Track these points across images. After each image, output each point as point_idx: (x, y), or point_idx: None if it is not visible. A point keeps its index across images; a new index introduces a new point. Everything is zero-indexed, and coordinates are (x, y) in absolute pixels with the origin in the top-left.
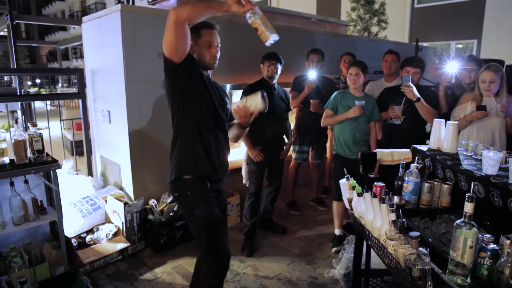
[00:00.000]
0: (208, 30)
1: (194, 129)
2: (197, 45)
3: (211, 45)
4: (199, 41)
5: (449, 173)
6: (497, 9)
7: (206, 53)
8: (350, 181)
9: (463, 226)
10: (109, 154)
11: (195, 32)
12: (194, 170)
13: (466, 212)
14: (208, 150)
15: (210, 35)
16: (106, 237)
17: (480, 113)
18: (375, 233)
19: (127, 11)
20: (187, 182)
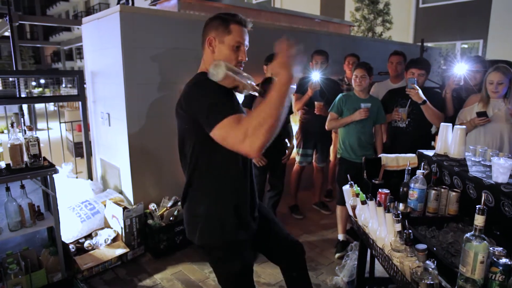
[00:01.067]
0: (239, 26)
1: (225, 176)
2: (222, 43)
3: (240, 47)
4: (225, 39)
5: (457, 180)
6: (503, 9)
7: (232, 56)
8: (354, 188)
9: (474, 239)
10: (109, 157)
11: (223, 25)
12: (223, 235)
13: (477, 225)
14: (240, 202)
15: (241, 34)
16: (105, 242)
17: (482, 120)
18: (380, 243)
19: (127, 12)
20: (216, 249)
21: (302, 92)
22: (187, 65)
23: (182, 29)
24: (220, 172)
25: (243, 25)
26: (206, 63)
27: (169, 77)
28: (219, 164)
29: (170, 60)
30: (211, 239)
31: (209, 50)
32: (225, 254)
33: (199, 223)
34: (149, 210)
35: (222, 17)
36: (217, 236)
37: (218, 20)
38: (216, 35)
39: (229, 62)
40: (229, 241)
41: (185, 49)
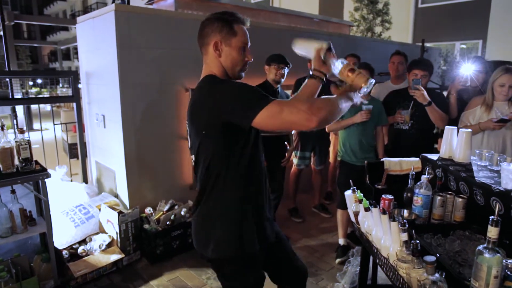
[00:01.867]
0: (242, 27)
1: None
2: (229, 46)
3: (245, 47)
4: (232, 41)
5: (463, 185)
6: (502, 9)
7: (239, 57)
8: (357, 194)
9: (487, 252)
10: (104, 159)
11: (227, 27)
12: (242, 248)
13: (490, 237)
14: (259, 208)
15: (245, 34)
16: (99, 248)
17: (499, 125)
18: (384, 252)
19: (122, 11)
20: (232, 262)
21: None
22: (184, 65)
23: (179, 28)
24: (240, 179)
25: (245, 24)
26: (212, 68)
27: (166, 78)
28: (238, 171)
29: (167, 60)
30: (227, 252)
31: (215, 54)
32: (241, 267)
33: (214, 234)
34: (145, 214)
35: (223, 18)
36: (234, 248)
37: (220, 21)
38: (222, 38)
39: (237, 65)
40: (247, 253)
41: (183, 49)
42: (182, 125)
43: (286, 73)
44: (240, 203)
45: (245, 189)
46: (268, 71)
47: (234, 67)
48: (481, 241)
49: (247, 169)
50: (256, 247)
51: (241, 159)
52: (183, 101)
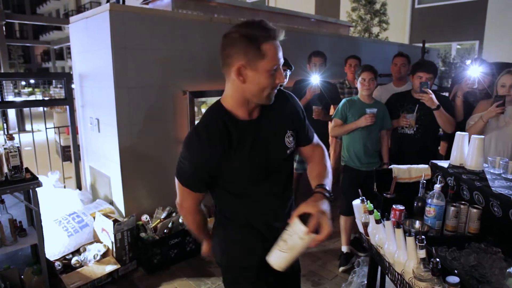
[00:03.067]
0: (272, 44)
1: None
2: (256, 71)
3: (278, 69)
4: (260, 65)
5: (478, 195)
6: (499, 10)
7: (267, 82)
8: (366, 204)
9: None
10: (99, 165)
11: (253, 47)
12: (248, 259)
13: None
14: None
15: (275, 55)
16: (94, 259)
17: (500, 108)
18: (398, 268)
19: (117, 11)
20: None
21: (300, 96)
22: (182, 67)
23: (176, 29)
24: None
25: (276, 39)
26: (230, 95)
27: (162, 81)
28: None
29: (164, 62)
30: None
31: (238, 81)
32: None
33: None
34: (141, 222)
35: (248, 35)
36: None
37: (244, 40)
38: (247, 62)
39: (264, 90)
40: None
41: (180, 51)
42: (180, 129)
43: (288, 75)
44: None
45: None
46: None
47: (260, 93)
48: (498, 254)
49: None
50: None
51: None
52: (180, 104)
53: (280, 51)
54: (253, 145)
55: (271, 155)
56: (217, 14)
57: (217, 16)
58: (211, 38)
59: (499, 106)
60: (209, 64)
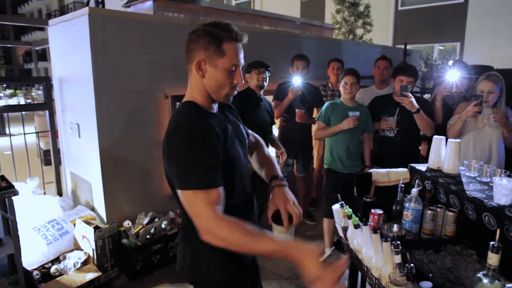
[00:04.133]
0: (233, 44)
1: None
2: (214, 67)
3: (237, 69)
4: (218, 62)
5: (454, 199)
6: (479, 13)
7: (226, 81)
8: (345, 209)
9: (486, 279)
10: (80, 170)
11: (214, 44)
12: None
13: (491, 264)
14: None
15: (237, 53)
16: (74, 267)
17: (477, 105)
18: (376, 273)
19: (96, 15)
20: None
21: (281, 98)
22: (164, 71)
23: (158, 32)
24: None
25: (238, 41)
26: (195, 91)
27: (144, 85)
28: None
29: (146, 66)
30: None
31: (197, 75)
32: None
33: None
34: (123, 228)
35: (211, 33)
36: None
37: (207, 37)
38: (207, 57)
39: (222, 88)
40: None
41: (162, 54)
42: (162, 134)
43: (268, 77)
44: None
45: None
46: (250, 78)
47: (218, 91)
48: (472, 256)
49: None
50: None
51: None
52: (163, 108)
53: (241, 53)
54: (232, 135)
55: (242, 147)
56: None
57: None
58: None
59: (476, 105)
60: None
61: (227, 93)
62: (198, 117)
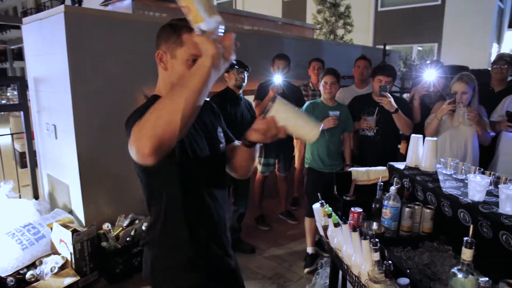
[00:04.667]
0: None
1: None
2: (175, 58)
3: (196, 61)
4: (177, 52)
5: (431, 196)
6: (455, 14)
7: (185, 72)
8: (325, 208)
9: (460, 274)
10: (57, 172)
11: (174, 35)
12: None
13: (465, 259)
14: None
15: (195, 45)
16: (51, 272)
17: (452, 106)
18: (355, 270)
19: (73, 13)
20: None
21: (262, 98)
22: (143, 71)
23: (137, 32)
24: (174, 205)
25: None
26: (160, 84)
27: (123, 85)
28: (169, 196)
29: (124, 66)
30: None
31: (161, 68)
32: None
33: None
34: (103, 230)
35: (173, 25)
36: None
37: (169, 28)
38: (167, 48)
39: None
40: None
41: (141, 54)
42: None
43: (246, 76)
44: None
45: (189, 227)
46: (228, 77)
47: None
48: (448, 252)
49: (179, 196)
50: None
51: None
52: None
53: None
54: (197, 130)
55: (210, 145)
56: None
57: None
58: None
59: (450, 104)
60: None
61: None
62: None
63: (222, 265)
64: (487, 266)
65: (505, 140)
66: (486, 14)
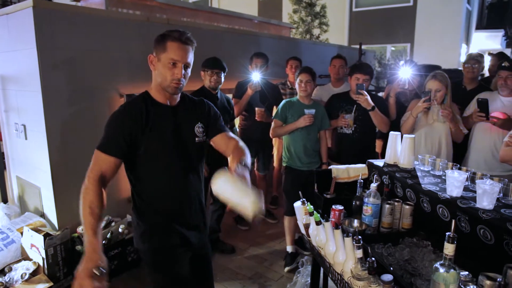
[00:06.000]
0: (177, 43)
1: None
2: (160, 61)
3: (177, 64)
4: (162, 56)
5: (410, 192)
6: (427, 16)
7: (167, 73)
8: (307, 206)
9: (443, 269)
10: (27, 175)
11: (160, 43)
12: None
13: (447, 254)
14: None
15: (177, 52)
16: (22, 278)
17: (427, 103)
18: (338, 268)
19: (42, 8)
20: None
21: (241, 96)
22: (117, 69)
23: (110, 29)
24: (157, 176)
25: (182, 42)
26: (152, 83)
27: (97, 83)
28: (141, 172)
29: (98, 63)
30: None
31: (152, 69)
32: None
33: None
34: (77, 233)
35: (162, 35)
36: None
37: (158, 38)
38: (156, 53)
39: (164, 80)
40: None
41: (116, 52)
42: None
43: (223, 78)
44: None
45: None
46: (204, 77)
47: (162, 82)
48: (428, 247)
49: (150, 172)
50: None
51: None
52: (117, 107)
53: (187, 53)
54: (168, 125)
55: (182, 138)
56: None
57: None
58: (149, 38)
59: (425, 101)
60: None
61: (168, 85)
62: (129, 103)
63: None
64: (465, 260)
65: (476, 137)
66: (455, 16)
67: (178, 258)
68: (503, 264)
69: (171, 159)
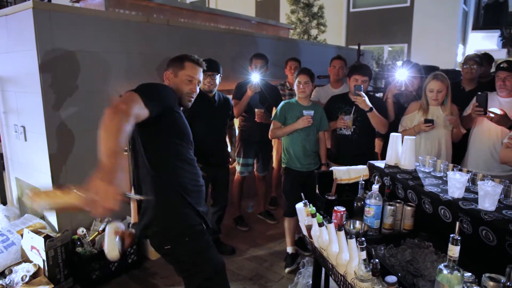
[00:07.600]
0: (192, 64)
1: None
2: (176, 77)
3: (192, 80)
4: (179, 73)
5: (412, 194)
6: (423, 16)
7: (184, 87)
8: (309, 207)
9: (447, 270)
10: (27, 176)
11: (178, 62)
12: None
13: (451, 256)
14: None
15: (193, 70)
16: (22, 281)
17: (428, 126)
18: (341, 270)
19: (42, 9)
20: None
21: (240, 97)
22: (117, 70)
23: (110, 30)
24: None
25: (198, 64)
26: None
27: (96, 84)
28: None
29: (98, 64)
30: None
31: (167, 83)
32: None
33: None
34: (77, 235)
35: (180, 56)
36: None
37: (176, 57)
38: (173, 70)
39: (181, 92)
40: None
41: (115, 52)
42: None
43: (218, 79)
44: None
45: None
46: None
47: (179, 94)
48: (429, 248)
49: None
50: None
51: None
52: None
53: (199, 74)
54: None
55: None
56: (155, 15)
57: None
58: (149, 39)
59: (428, 127)
60: (147, 66)
61: (183, 96)
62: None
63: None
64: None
65: (475, 138)
66: (451, 16)
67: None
68: (505, 265)
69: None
